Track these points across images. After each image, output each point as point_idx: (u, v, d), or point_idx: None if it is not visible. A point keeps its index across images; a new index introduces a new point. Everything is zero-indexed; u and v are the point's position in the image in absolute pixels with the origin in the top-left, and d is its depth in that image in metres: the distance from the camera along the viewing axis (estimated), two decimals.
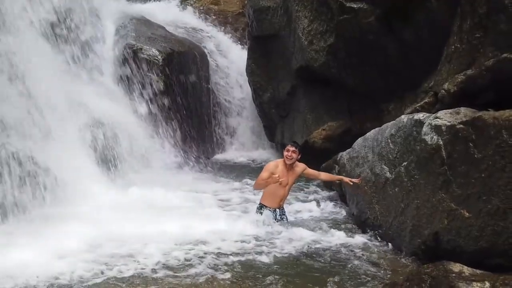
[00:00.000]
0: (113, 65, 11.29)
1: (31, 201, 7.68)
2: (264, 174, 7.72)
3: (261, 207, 7.89)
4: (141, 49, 11.30)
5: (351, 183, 7.89)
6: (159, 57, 11.27)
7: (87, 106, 9.70)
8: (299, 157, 7.87)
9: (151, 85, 11.10)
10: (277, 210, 7.85)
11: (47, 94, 8.83)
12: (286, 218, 7.97)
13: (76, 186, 8.16)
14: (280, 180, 7.51)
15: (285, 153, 7.79)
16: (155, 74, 11.14)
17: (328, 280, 6.08)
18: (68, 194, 8.05)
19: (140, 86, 11.04)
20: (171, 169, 10.49)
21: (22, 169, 7.72)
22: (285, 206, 8.17)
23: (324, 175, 8.53)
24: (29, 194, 7.70)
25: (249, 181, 10.09)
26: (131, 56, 11.18)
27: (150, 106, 11.08)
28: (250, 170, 11.50)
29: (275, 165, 7.83)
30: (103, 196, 8.25)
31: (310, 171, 8.20)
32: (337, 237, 7.42)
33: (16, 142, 7.90)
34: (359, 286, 5.97)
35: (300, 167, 8.00)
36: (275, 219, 7.78)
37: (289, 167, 7.82)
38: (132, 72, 11.11)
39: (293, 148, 7.77)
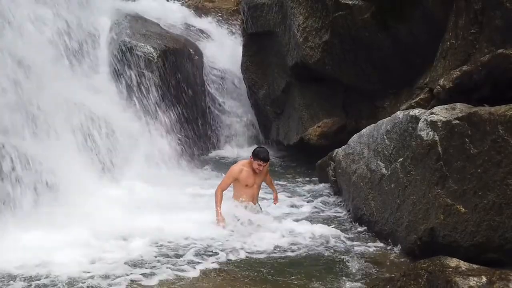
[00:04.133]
0: (108, 63, 11.25)
1: (31, 199, 7.64)
2: (227, 181, 7.60)
3: None
4: (136, 46, 11.27)
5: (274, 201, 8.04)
6: (154, 54, 11.25)
7: (83, 104, 9.67)
8: None
9: (147, 82, 11.08)
10: None
11: (44, 93, 8.79)
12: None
13: (75, 185, 8.13)
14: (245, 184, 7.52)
15: (256, 165, 7.47)
16: (150, 71, 11.12)
17: (323, 276, 6.09)
18: (67, 193, 8.00)
19: (136, 83, 11.02)
20: (167, 166, 10.47)
21: (21, 168, 7.67)
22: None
23: (269, 180, 8.13)
24: (29, 193, 7.65)
25: None
26: (126, 53, 11.15)
27: (146, 103, 11.05)
28: None
29: (239, 170, 7.56)
30: (102, 194, 8.24)
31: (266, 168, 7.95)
32: (333, 233, 7.42)
33: (14, 141, 7.87)
34: (355, 282, 5.97)
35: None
36: None
37: None
38: (127, 69, 11.08)
39: (264, 163, 7.52)
